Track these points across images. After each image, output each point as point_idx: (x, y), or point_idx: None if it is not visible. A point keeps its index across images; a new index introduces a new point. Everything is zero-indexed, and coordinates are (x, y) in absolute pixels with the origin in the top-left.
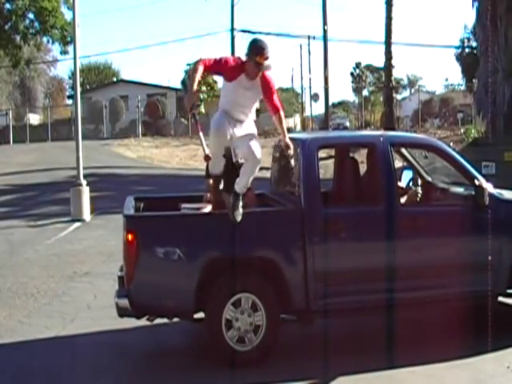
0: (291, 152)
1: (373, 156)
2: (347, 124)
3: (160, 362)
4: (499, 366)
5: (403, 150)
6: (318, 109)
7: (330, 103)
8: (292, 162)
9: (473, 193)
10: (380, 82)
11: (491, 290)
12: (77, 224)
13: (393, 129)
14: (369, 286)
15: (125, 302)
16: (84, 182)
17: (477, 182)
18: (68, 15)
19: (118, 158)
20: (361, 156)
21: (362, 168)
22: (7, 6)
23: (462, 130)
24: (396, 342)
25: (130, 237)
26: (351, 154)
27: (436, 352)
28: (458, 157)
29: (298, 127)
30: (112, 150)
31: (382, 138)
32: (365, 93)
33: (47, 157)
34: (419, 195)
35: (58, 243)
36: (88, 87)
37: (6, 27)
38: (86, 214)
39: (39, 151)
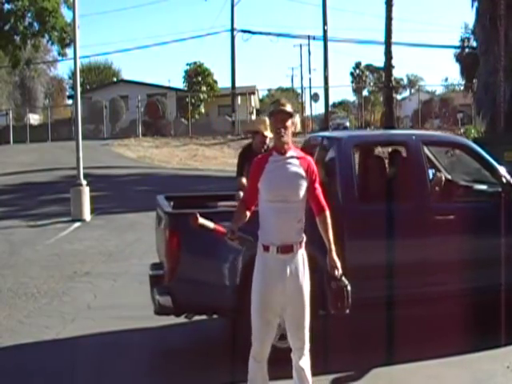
0: (340, 272)
1: (406, 154)
2: (347, 124)
3: (166, 362)
4: (499, 366)
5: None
6: (318, 109)
7: (330, 103)
8: (344, 280)
9: (499, 190)
10: (380, 82)
11: None
12: (77, 224)
13: (393, 129)
14: (400, 281)
15: (167, 300)
16: (84, 182)
17: (504, 180)
18: (68, 16)
19: (118, 157)
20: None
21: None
22: (7, 6)
23: (462, 130)
24: (396, 341)
25: (172, 234)
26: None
27: (436, 351)
28: (485, 155)
29: (298, 127)
30: (112, 149)
31: (414, 137)
32: (365, 93)
33: (47, 157)
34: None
35: (58, 243)
36: (88, 87)
37: (6, 28)
38: (86, 214)
39: (39, 151)
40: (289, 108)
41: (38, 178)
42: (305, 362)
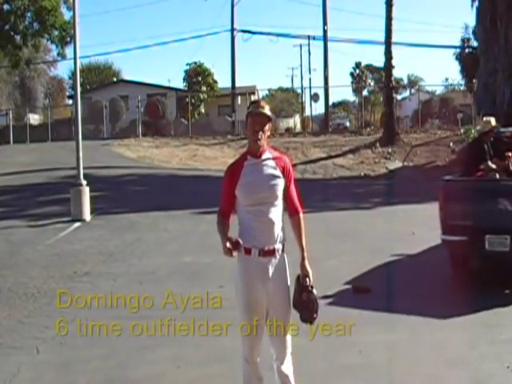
0: (311, 282)
1: None
2: (347, 124)
3: None
4: (499, 366)
5: None
6: (318, 109)
7: (330, 103)
8: (314, 292)
9: None
10: (380, 82)
11: None
12: (77, 224)
13: (393, 129)
14: None
15: None
16: (84, 182)
17: None
18: (68, 16)
19: (118, 157)
20: (361, 156)
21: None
22: (6, 6)
23: (462, 130)
24: (396, 339)
25: None
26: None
27: (436, 350)
28: None
29: (298, 127)
30: (112, 149)
31: None
32: (365, 93)
33: (47, 157)
34: None
35: (58, 243)
36: (88, 87)
37: (6, 27)
38: (86, 214)
39: (39, 151)
40: (268, 111)
41: (38, 178)
42: (288, 368)
